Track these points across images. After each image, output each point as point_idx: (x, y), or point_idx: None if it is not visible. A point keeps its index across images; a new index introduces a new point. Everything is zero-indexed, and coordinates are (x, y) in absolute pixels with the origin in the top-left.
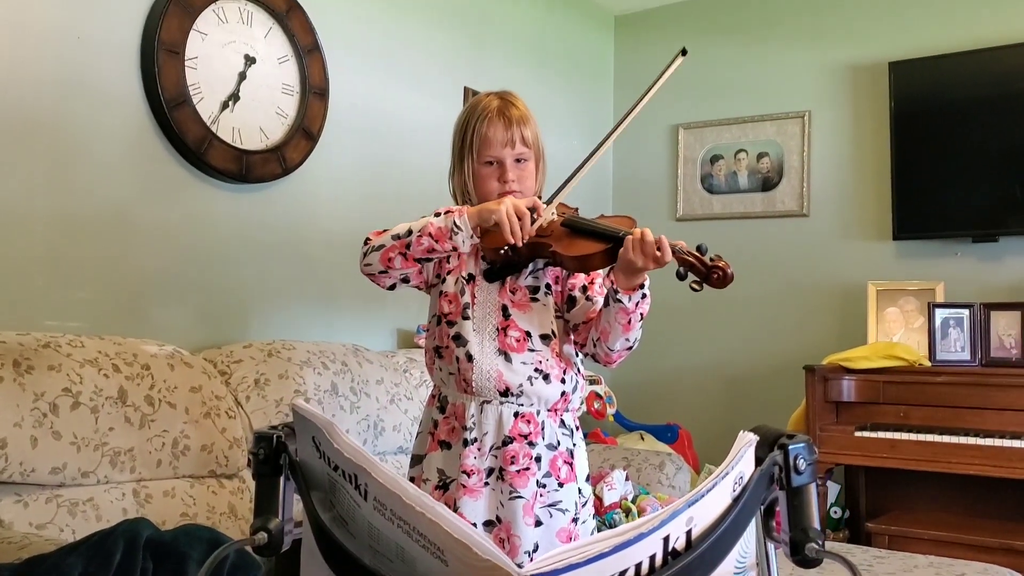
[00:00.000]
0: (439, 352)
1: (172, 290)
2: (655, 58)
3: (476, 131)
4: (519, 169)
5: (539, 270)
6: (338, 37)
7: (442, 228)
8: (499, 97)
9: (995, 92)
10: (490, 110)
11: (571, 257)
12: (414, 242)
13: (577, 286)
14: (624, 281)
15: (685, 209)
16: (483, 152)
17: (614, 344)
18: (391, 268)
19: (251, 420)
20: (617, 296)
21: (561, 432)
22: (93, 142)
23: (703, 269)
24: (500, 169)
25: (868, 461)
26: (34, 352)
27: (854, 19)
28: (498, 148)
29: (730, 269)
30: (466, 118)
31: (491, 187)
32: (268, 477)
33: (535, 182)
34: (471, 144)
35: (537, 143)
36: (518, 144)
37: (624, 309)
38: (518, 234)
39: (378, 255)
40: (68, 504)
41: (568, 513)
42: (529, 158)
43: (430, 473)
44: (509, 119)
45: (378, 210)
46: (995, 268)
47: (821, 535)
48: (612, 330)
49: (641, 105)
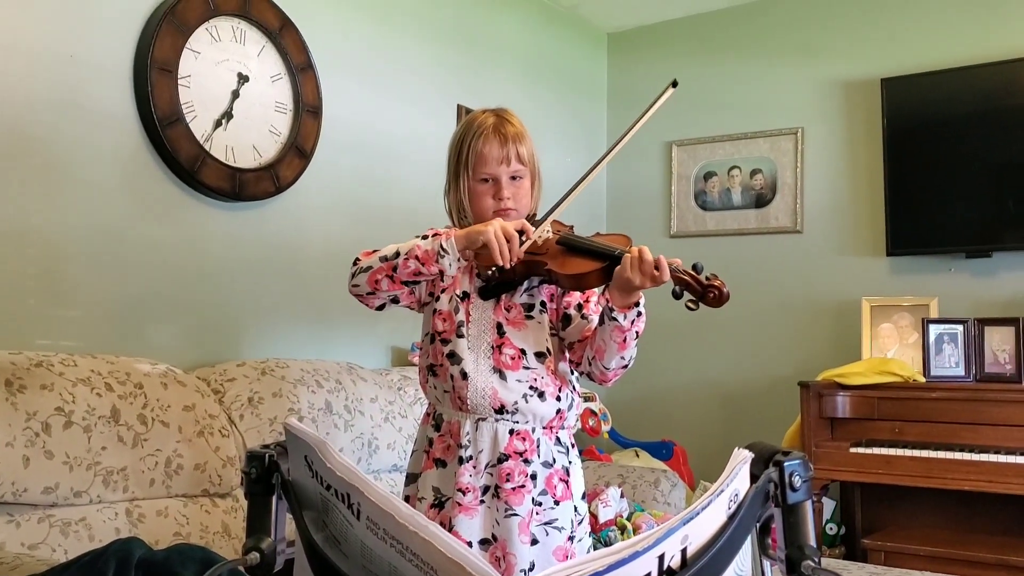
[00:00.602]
0: (432, 370)
1: (165, 308)
2: (648, 76)
3: (472, 148)
4: (514, 186)
5: (534, 288)
6: (331, 55)
7: (429, 251)
8: (495, 114)
9: (988, 108)
10: (486, 127)
11: (567, 275)
12: (400, 264)
13: (572, 304)
14: (619, 299)
15: (679, 226)
16: (478, 169)
17: (609, 363)
18: (378, 290)
19: (245, 439)
20: (612, 314)
21: (557, 450)
22: (86, 161)
23: (699, 288)
24: (495, 186)
25: (863, 477)
26: (26, 371)
27: (846, 36)
28: (493, 165)
29: (726, 288)
30: (461, 135)
31: (486, 204)
32: (260, 496)
33: (530, 199)
34: (467, 161)
35: (533, 161)
36: (513, 161)
37: (619, 327)
38: (506, 256)
39: (365, 276)
40: (60, 524)
41: (564, 531)
42: (524, 176)
43: (425, 492)
44: (505, 136)
45: (372, 227)
46: (989, 283)
47: (817, 552)
48: (607, 348)
49: (631, 134)
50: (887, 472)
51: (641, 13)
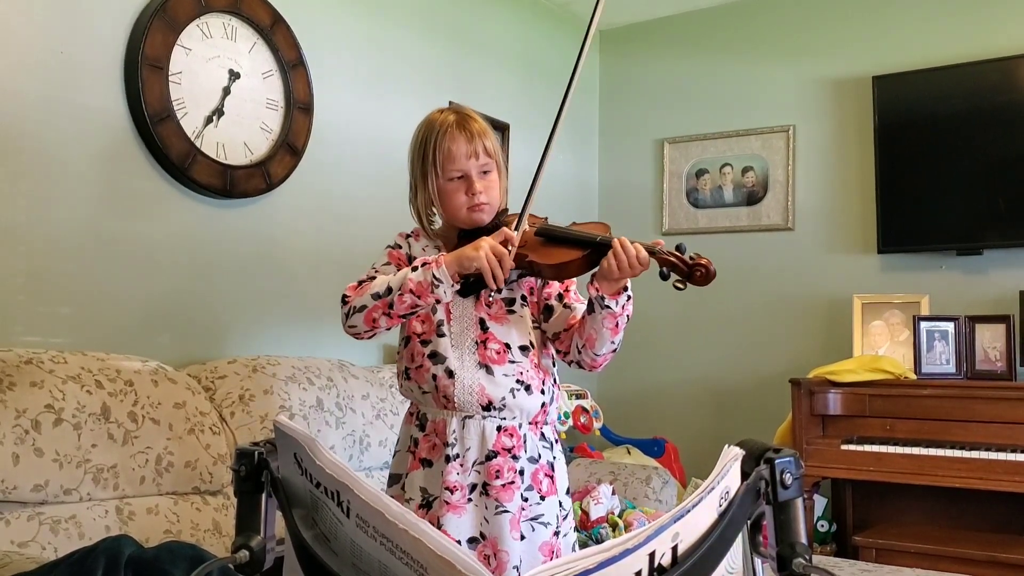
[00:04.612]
0: (407, 374)
1: (155, 305)
2: (640, 73)
3: (438, 147)
4: (485, 180)
5: (513, 282)
6: (323, 52)
7: (422, 282)
8: (454, 112)
9: (979, 105)
10: (448, 124)
11: (549, 265)
12: (396, 301)
13: (553, 295)
14: (608, 287)
15: (671, 223)
16: (447, 167)
17: (600, 349)
18: (376, 328)
19: (236, 436)
20: (604, 302)
21: (542, 445)
22: (76, 157)
23: (685, 268)
24: (466, 182)
25: (854, 474)
26: (16, 368)
27: (838, 34)
28: (463, 161)
29: (712, 266)
30: (423, 136)
31: (459, 201)
32: (250, 494)
33: (499, 191)
34: (433, 161)
35: (497, 152)
36: (481, 155)
37: (612, 314)
38: (500, 277)
39: (362, 317)
40: (50, 522)
41: (550, 527)
42: (492, 168)
43: (412, 492)
44: (471, 132)
45: (363, 225)
46: (980, 281)
47: (808, 549)
48: (599, 336)
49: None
50: (878, 469)
51: (633, 10)
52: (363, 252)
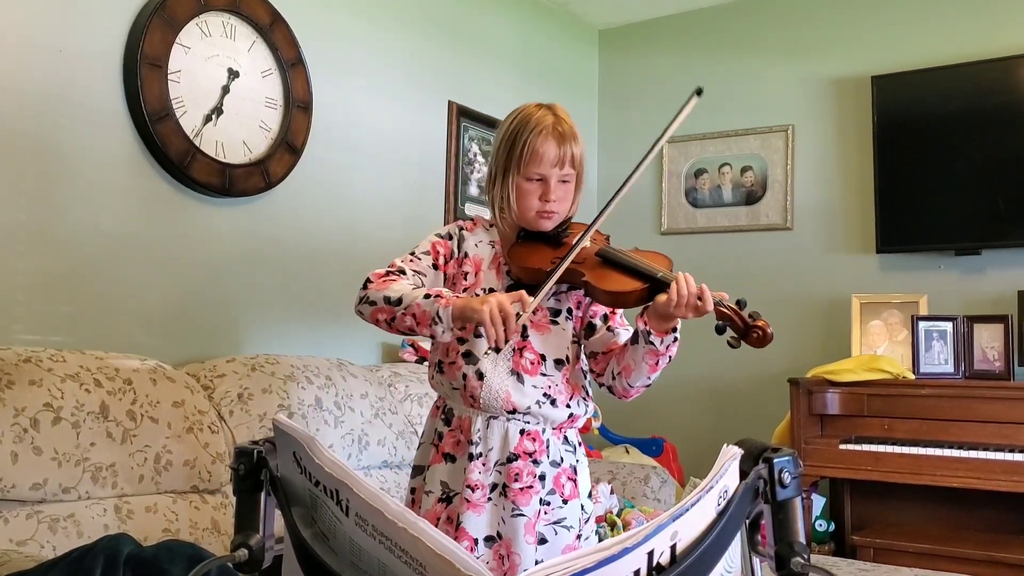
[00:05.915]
0: (440, 367)
1: (154, 304)
2: (639, 73)
3: (528, 145)
4: (562, 189)
5: (563, 292)
6: (322, 51)
7: (425, 313)
8: (552, 113)
9: (978, 105)
10: (544, 125)
11: (604, 291)
12: (399, 317)
13: (598, 314)
14: (658, 324)
15: (669, 223)
16: (531, 167)
17: (635, 381)
18: (378, 326)
19: (234, 435)
20: (649, 338)
21: (564, 448)
22: (75, 156)
23: (742, 326)
24: (544, 186)
25: (853, 474)
26: (15, 367)
27: (837, 34)
28: (547, 166)
29: (770, 329)
30: (516, 128)
31: (531, 203)
32: (249, 493)
33: (571, 203)
34: (520, 156)
35: (581, 164)
36: (567, 165)
37: (655, 351)
38: (501, 339)
39: (370, 311)
40: (49, 520)
41: (572, 530)
42: (572, 179)
43: (433, 485)
44: (563, 136)
45: (362, 224)
46: (978, 281)
47: (806, 549)
48: (637, 369)
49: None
50: (876, 469)
51: (632, 10)
52: (362, 251)
